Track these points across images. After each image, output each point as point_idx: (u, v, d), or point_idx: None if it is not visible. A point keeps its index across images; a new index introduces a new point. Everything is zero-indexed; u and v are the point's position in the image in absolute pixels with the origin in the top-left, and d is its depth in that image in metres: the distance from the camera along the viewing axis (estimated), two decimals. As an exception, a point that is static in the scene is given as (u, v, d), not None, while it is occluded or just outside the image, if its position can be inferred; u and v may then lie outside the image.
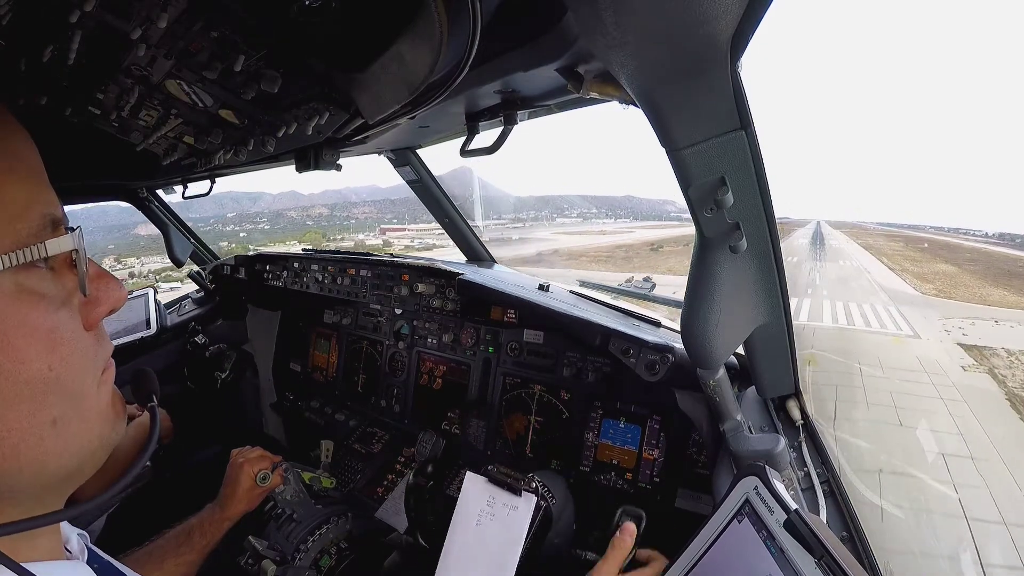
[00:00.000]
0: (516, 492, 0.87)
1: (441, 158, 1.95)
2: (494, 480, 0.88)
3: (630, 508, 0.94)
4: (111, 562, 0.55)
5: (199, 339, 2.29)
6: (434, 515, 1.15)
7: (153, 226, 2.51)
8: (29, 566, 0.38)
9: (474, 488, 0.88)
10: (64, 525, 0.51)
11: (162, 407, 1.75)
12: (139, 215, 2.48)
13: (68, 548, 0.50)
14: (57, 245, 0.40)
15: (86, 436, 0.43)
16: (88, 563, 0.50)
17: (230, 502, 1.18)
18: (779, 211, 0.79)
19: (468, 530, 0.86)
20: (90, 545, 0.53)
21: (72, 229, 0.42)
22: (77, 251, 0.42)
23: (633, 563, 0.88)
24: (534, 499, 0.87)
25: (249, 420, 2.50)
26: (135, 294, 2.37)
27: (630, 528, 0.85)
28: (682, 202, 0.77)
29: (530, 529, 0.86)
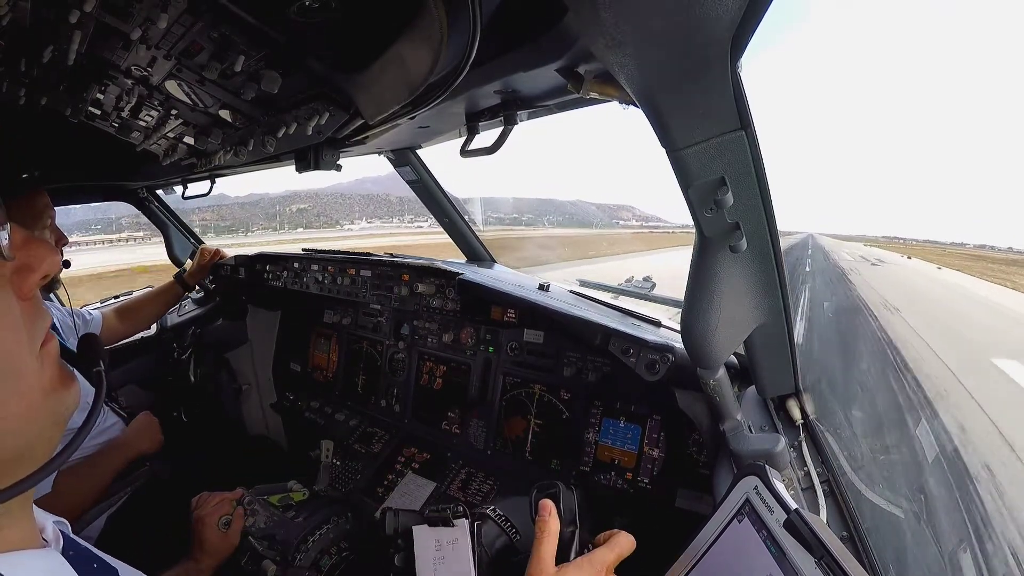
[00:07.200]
0: (449, 523, 0.85)
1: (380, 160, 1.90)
2: (430, 521, 0.86)
3: (543, 484, 0.85)
4: (88, 548, 0.53)
5: (177, 352, 2.32)
6: None
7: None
8: None
9: (422, 538, 0.86)
10: (39, 513, 0.48)
11: (147, 409, 1.77)
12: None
13: (44, 536, 0.47)
14: None
15: (31, 417, 0.39)
16: (64, 551, 0.47)
17: (203, 556, 1.16)
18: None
19: None
20: (69, 533, 0.51)
21: None
22: None
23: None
24: (466, 522, 0.85)
25: (230, 421, 2.49)
26: (135, 295, 2.39)
27: (546, 505, 0.76)
28: (641, 210, 0.75)
29: (474, 551, 0.83)
